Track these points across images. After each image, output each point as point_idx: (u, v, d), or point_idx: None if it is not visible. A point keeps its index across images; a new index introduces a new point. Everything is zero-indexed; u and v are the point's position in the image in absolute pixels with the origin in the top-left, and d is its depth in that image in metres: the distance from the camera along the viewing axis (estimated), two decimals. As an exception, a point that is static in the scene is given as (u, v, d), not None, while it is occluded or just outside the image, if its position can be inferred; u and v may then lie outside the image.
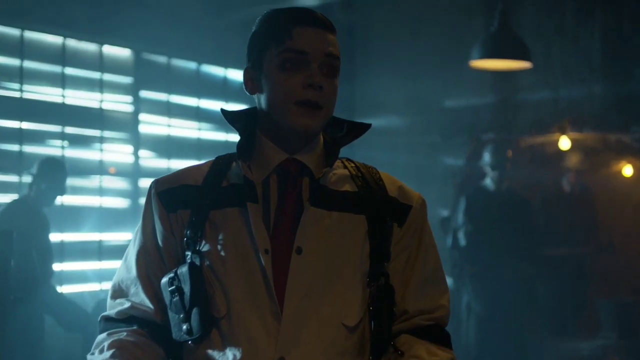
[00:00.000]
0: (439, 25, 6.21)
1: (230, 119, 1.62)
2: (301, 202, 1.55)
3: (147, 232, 1.60)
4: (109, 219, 5.60)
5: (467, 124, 6.17)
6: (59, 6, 5.20)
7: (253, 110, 1.63)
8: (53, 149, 5.36)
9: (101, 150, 5.62)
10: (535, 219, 5.57)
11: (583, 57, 5.79)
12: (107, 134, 5.65)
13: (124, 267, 1.63)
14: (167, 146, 6.02)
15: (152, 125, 5.95)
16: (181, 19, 5.89)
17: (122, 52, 5.73)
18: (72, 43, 5.41)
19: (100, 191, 5.63)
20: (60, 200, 5.13)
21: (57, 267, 5.07)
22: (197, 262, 1.52)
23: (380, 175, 1.65)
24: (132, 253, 1.62)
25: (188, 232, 1.53)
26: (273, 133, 1.57)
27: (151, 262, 1.59)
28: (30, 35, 5.20)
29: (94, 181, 5.61)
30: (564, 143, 5.86)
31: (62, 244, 5.33)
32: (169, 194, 1.58)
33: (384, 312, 1.55)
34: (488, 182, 5.42)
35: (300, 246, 1.51)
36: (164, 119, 6.01)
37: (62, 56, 5.35)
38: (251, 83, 1.59)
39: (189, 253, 1.53)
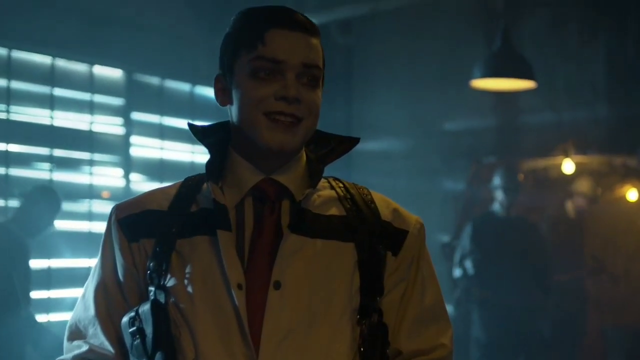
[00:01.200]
0: (439, 46, 6.10)
1: (198, 135, 1.44)
2: (280, 229, 1.36)
3: (107, 265, 1.41)
4: (99, 244, 5.42)
5: (468, 147, 6.04)
6: (48, 25, 5.05)
7: (226, 124, 1.45)
8: (41, 172, 5.21)
9: (91, 173, 5.46)
10: (545, 245, 5.38)
11: (587, 78, 5.67)
12: (97, 157, 5.50)
13: (81, 305, 1.44)
14: (160, 170, 5.86)
15: (143, 148, 5.80)
16: (174, 39, 5.76)
17: (113, 73, 5.59)
18: (61, 63, 5.28)
19: (90, 216, 5.46)
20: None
21: (43, 294, 4.89)
22: (162, 299, 1.33)
23: (372, 196, 1.46)
24: (90, 289, 1.43)
25: (151, 264, 1.34)
26: (247, 150, 1.39)
27: (111, 299, 1.40)
28: (18, 54, 5.07)
29: (83, 205, 5.45)
30: (568, 166, 5.71)
31: (49, 270, 5.15)
32: (131, 220, 1.40)
33: (376, 354, 1.36)
34: (497, 206, 5.21)
35: (279, 280, 1.32)
36: (156, 142, 5.86)
37: (51, 76, 5.20)
38: (222, 93, 1.41)
39: (152, 288, 1.34)
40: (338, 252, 1.37)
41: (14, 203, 4.80)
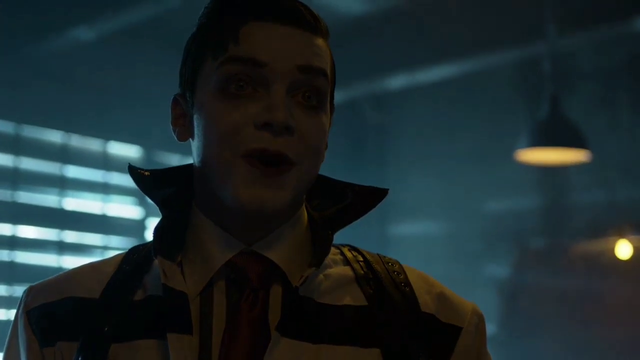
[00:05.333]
0: (479, 119, 5.78)
1: (145, 185, 1.00)
2: (267, 330, 0.89)
3: None
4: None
5: (512, 229, 5.64)
6: (58, 98, 4.78)
7: (189, 169, 1.03)
8: (49, 257, 4.87)
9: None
10: None
11: (641, 153, 5.28)
12: (111, 241, 5.14)
13: None
14: (178, 254, 5.49)
15: (161, 231, 5.45)
16: (195, 115, 5.49)
17: (129, 150, 5.27)
18: (73, 139, 4.99)
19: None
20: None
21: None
22: None
23: (406, 275, 1.01)
24: None
25: None
26: (216, 208, 0.93)
27: None
28: (27, 129, 4.77)
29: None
30: (624, 250, 5.25)
31: None
32: (46, 313, 0.93)
33: None
34: None
35: (262, 411, 0.84)
36: (175, 225, 5.51)
37: (62, 153, 4.90)
38: (181, 121, 0.99)
39: None
40: (356, 364, 0.90)
41: (20, 290, 4.48)
